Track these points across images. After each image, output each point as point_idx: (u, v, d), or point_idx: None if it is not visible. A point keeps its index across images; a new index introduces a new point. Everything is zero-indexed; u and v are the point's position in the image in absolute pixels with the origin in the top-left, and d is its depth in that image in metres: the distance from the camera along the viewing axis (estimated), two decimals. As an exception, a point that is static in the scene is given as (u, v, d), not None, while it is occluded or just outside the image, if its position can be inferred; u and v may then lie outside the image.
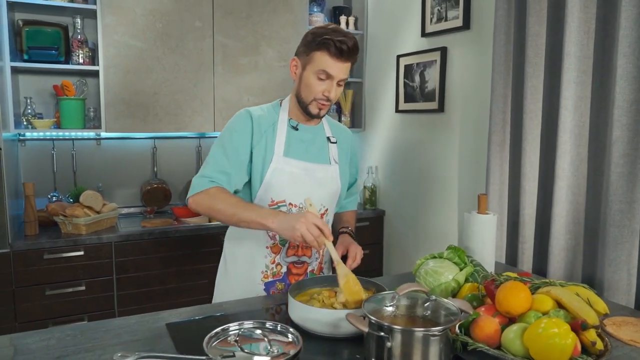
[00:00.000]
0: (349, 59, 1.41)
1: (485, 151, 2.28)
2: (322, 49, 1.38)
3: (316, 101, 1.44)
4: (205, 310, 1.37)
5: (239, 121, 1.48)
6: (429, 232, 2.74)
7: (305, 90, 1.45)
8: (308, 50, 1.42)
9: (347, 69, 1.42)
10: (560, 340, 0.93)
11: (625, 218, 1.62)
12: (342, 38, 1.37)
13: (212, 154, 1.47)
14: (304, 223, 1.23)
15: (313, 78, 1.41)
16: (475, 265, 1.40)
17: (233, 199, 1.38)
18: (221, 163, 1.44)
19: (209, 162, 1.46)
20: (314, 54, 1.40)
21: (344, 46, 1.36)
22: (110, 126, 2.57)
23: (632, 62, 1.59)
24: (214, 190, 1.40)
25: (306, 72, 1.43)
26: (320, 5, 3.14)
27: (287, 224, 1.27)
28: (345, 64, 1.41)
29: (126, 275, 2.46)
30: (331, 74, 1.39)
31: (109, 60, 2.53)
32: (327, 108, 1.48)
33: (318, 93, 1.42)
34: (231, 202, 1.37)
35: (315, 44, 1.39)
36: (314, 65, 1.40)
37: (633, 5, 1.57)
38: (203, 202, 1.39)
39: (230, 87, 2.81)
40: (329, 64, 1.38)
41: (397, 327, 1.01)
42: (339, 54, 1.37)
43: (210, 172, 1.43)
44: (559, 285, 1.17)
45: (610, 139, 1.64)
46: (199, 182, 1.42)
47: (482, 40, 2.32)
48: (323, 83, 1.41)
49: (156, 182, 2.91)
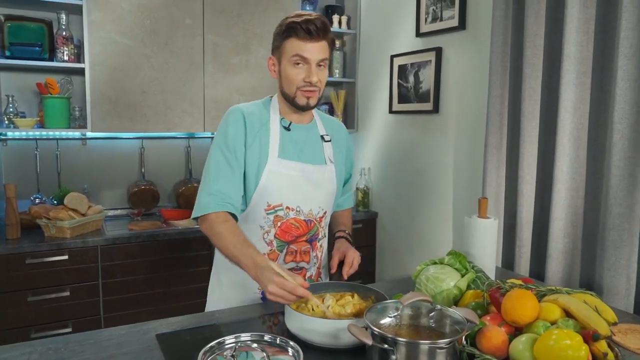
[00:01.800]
0: (320, 38, 1.35)
1: (481, 153, 2.25)
2: (291, 35, 1.34)
3: (300, 90, 1.39)
4: (198, 319, 1.30)
5: (232, 120, 1.42)
6: (422, 235, 2.70)
7: (286, 82, 1.40)
8: (279, 42, 1.39)
9: (322, 49, 1.37)
10: (574, 352, 0.89)
11: (625, 222, 1.60)
12: (306, 18, 1.34)
13: (213, 162, 1.41)
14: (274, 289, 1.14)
15: (290, 67, 1.37)
16: (477, 272, 1.36)
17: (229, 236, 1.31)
18: (225, 172, 1.39)
19: (211, 174, 1.40)
20: (285, 43, 1.36)
21: (312, 26, 1.32)
22: (96, 126, 2.49)
23: (633, 63, 1.56)
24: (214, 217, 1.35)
25: (283, 65, 1.39)
26: (312, 4, 3.09)
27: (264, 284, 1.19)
28: (319, 43, 1.35)
29: (113, 279, 2.38)
30: (305, 57, 1.35)
31: (95, 58, 2.45)
32: (316, 95, 1.41)
33: (299, 81, 1.37)
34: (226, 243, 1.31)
35: (282, 33, 1.36)
36: (288, 53, 1.36)
37: (634, 5, 1.54)
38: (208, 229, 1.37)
39: (221, 86, 2.75)
40: (300, 46, 1.34)
41: (402, 339, 0.96)
42: (308, 35, 1.33)
43: (218, 187, 1.37)
44: (565, 293, 1.13)
45: (611, 142, 1.62)
46: (207, 201, 1.37)
47: (478, 40, 2.28)
48: (301, 69, 1.36)
49: (144, 184, 2.83)
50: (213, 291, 1.54)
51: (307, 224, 1.47)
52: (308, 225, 1.47)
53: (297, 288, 1.14)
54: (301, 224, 1.46)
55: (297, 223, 1.46)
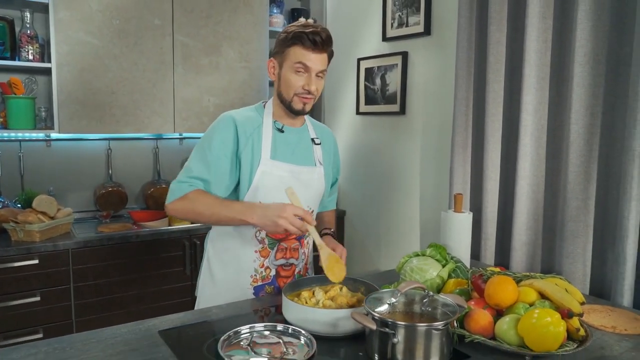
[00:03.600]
0: (324, 50, 1.44)
1: (447, 153, 2.39)
2: (297, 43, 1.41)
3: (298, 96, 1.45)
4: (197, 315, 1.34)
5: (221, 128, 1.47)
6: (390, 232, 2.82)
7: (285, 87, 1.46)
8: (283, 47, 1.45)
9: (323, 60, 1.45)
10: (554, 328, 1.01)
11: (581, 214, 1.77)
12: (313, 29, 1.41)
13: (192, 160, 1.47)
14: (285, 218, 1.28)
15: (291, 73, 1.43)
16: (456, 262, 1.47)
17: (211, 199, 1.41)
18: (200, 170, 1.44)
19: (187, 168, 1.46)
20: (289, 50, 1.43)
21: (317, 37, 1.40)
22: (64, 127, 2.43)
23: (587, 71, 1.73)
24: (192, 194, 1.41)
25: (284, 70, 1.45)
26: (279, 7, 3.14)
27: (268, 220, 1.31)
28: (321, 55, 1.44)
29: (85, 283, 2.34)
30: (308, 65, 1.42)
31: (62, 58, 2.39)
32: (311, 102, 1.49)
33: (298, 87, 1.44)
34: (209, 203, 1.40)
35: (289, 39, 1.42)
36: (290, 60, 1.43)
37: (587, 18, 1.71)
38: (182, 207, 1.42)
39: (191, 87, 2.75)
40: (304, 55, 1.41)
41: (403, 322, 1.05)
42: (313, 46, 1.41)
43: (188, 178, 1.43)
44: (539, 277, 1.25)
45: (568, 141, 1.78)
46: (177, 187, 1.44)
47: (443, 46, 2.42)
48: (302, 77, 1.43)
49: (111, 185, 2.79)
50: (204, 288, 1.58)
51: None
52: None
53: (307, 213, 1.31)
54: None
55: None
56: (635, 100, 1.57)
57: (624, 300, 1.62)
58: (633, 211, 1.60)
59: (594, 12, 1.70)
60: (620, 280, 1.63)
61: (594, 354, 1.13)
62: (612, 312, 1.40)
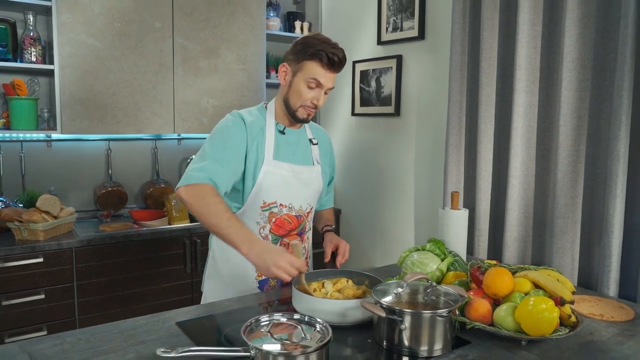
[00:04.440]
0: (338, 70, 1.52)
1: (440, 153, 2.48)
2: (315, 59, 1.47)
3: (304, 107, 1.53)
4: (208, 308, 1.40)
5: (233, 125, 1.52)
6: (385, 230, 2.91)
7: (294, 96, 1.53)
8: (299, 58, 1.50)
9: (334, 79, 1.53)
10: (549, 314, 1.10)
11: (570, 210, 1.87)
12: (333, 50, 1.47)
13: (209, 147, 1.47)
14: (281, 268, 1.28)
15: (303, 85, 1.50)
16: (454, 256, 1.56)
17: (221, 207, 1.37)
18: (220, 152, 1.45)
19: (206, 154, 1.45)
20: (306, 63, 1.48)
21: (336, 57, 1.47)
22: (66, 128, 2.47)
23: (574, 75, 1.83)
24: (209, 188, 1.39)
25: (296, 79, 1.51)
26: (275, 10, 3.21)
27: (264, 263, 1.30)
28: (334, 74, 1.52)
29: (88, 281, 2.38)
30: (322, 83, 1.49)
31: (65, 60, 2.44)
32: (313, 114, 1.58)
33: (307, 100, 1.51)
34: (217, 211, 1.36)
35: (307, 54, 1.47)
36: (305, 73, 1.48)
37: (574, 26, 1.81)
38: (194, 196, 1.39)
39: (190, 89, 2.81)
40: (320, 73, 1.48)
41: (409, 310, 1.13)
42: (330, 65, 1.47)
43: (209, 166, 1.41)
44: (533, 269, 1.34)
45: (557, 142, 1.88)
46: (196, 175, 1.40)
47: (436, 50, 2.51)
48: (312, 91, 1.50)
49: (111, 185, 2.83)
50: (210, 282, 1.64)
51: (297, 219, 1.61)
52: (298, 220, 1.61)
53: (303, 266, 1.33)
54: (292, 219, 1.60)
55: (289, 218, 1.59)
56: (620, 104, 1.67)
57: (610, 291, 1.72)
58: (618, 208, 1.70)
59: (581, 20, 1.80)
60: (606, 273, 1.73)
61: (584, 339, 1.23)
62: (600, 301, 1.49)
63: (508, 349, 1.16)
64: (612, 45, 1.76)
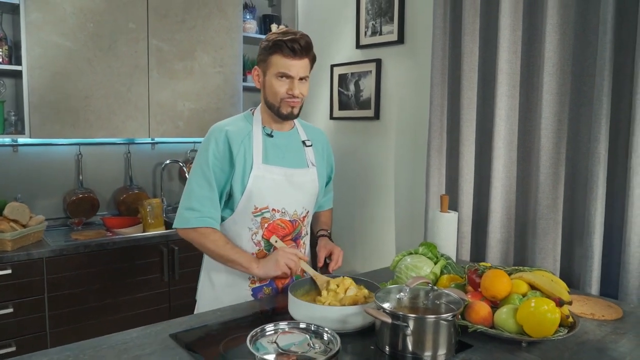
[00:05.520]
0: (304, 56, 1.49)
1: (420, 156, 2.50)
2: (277, 51, 1.46)
3: (284, 101, 1.50)
4: (202, 318, 1.35)
5: (212, 141, 1.50)
6: (365, 234, 2.90)
7: (270, 94, 1.51)
8: (265, 56, 1.50)
9: (305, 66, 1.50)
10: (552, 315, 1.11)
11: (551, 212, 1.91)
12: (292, 37, 1.46)
13: (194, 181, 1.51)
14: (283, 256, 1.46)
15: (275, 80, 1.49)
16: (447, 259, 1.56)
17: (221, 240, 1.49)
18: (205, 191, 1.49)
19: (193, 192, 1.50)
20: (270, 58, 1.48)
21: (296, 45, 1.45)
22: (36, 132, 2.36)
23: (555, 80, 1.87)
24: (204, 230, 1.49)
25: (267, 77, 1.51)
26: (252, 13, 3.17)
27: (270, 263, 1.46)
28: (301, 61, 1.48)
29: (60, 293, 2.27)
30: (289, 74, 1.47)
31: (34, 60, 2.32)
32: (299, 105, 1.54)
33: (282, 93, 1.49)
34: (220, 245, 1.48)
35: (269, 48, 1.48)
36: (272, 68, 1.48)
37: (555, 31, 1.86)
38: (193, 239, 1.52)
39: (166, 92, 2.73)
40: (285, 64, 1.47)
41: (413, 315, 1.12)
42: (292, 54, 1.46)
43: (198, 204, 1.49)
44: (527, 270, 1.36)
45: (539, 145, 1.92)
46: (188, 216, 1.50)
47: (416, 54, 2.53)
48: (285, 83, 1.49)
49: (82, 192, 2.72)
50: (204, 292, 1.59)
51: (292, 224, 1.58)
52: (293, 225, 1.58)
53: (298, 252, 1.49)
54: (287, 224, 1.57)
55: (282, 223, 1.56)
56: (600, 107, 1.72)
57: (592, 290, 1.77)
58: (599, 209, 1.75)
59: (560, 26, 1.85)
60: (588, 273, 1.78)
61: (581, 338, 1.25)
62: (588, 300, 1.53)
63: (509, 351, 1.16)
64: (591, 50, 1.82)
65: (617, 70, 1.74)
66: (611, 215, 1.81)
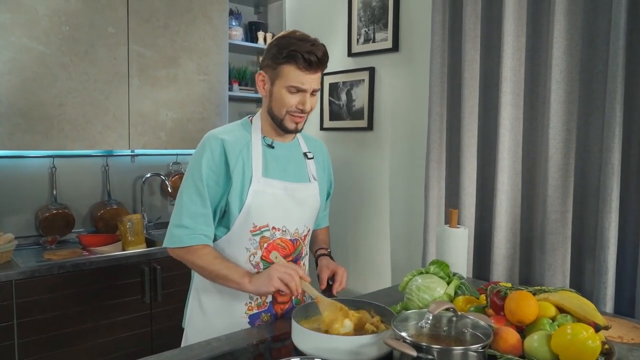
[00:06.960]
0: (319, 69, 1.35)
1: (417, 168, 2.40)
2: (290, 62, 1.31)
3: (290, 114, 1.37)
4: (194, 351, 1.20)
5: (207, 151, 1.35)
6: (358, 248, 2.78)
7: (277, 105, 1.37)
8: (275, 64, 1.34)
9: (317, 79, 1.37)
10: (593, 342, 1.00)
11: (560, 226, 1.82)
12: (310, 48, 1.31)
13: (185, 194, 1.35)
14: (277, 270, 1.27)
15: (284, 92, 1.34)
16: (460, 278, 1.44)
17: (211, 255, 1.35)
18: (197, 207, 1.34)
19: (184, 208, 1.35)
20: (282, 68, 1.33)
21: (313, 57, 1.31)
22: (4, 143, 2.17)
23: (562, 87, 1.80)
24: (195, 247, 1.35)
25: (276, 87, 1.36)
26: (237, 19, 3.05)
27: (262, 278, 1.28)
28: (316, 75, 1.35)
29: (30, 318, 2.07)
30: (303, 88, 1.34)
31: (3, 65, 2.14)
32: (304, 121, 1.41)
33: (291, 106, 1.35)
34: (209, 260, 1.34)
35: (282, 56, 1.32)
36: (283, 80, 1.33)
37: (562, 37, 1.78)
38: (184, 257, 1.37)
39: (147, 100, 2.57)
40: (299, 77, 1.32)
41: (438, 346, 0.99)
42: (308, 66, 1.31)
43: (189, 221, 1.34)
44: (552, 291, 1.25)
45: (546, 156, 1.83)
46: (179, 234, 1.35)
47: (412, 62, 2.44)
48: (295, 96, 1.35)
49: (56, 208, 2.52)
50: (193, 318, 1.43)
51: (293, 244, 1.44)
52: (294, 245, 1.44)
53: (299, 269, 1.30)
54: (287, 244, 1.43)
55: (283, 243, 1.42)
56: (613, 116, 1.64)
57: (607, 307, 1.67)
58: (613, 222, 1.67)
59: (568, 31, 1.78)
60: (602, 290, 1.68)
61: (617, 367, 1.14)
62: (612, 321, 1.42)
63: (543, 383, 1.05)
64: (600, 56, 1.75)
65: (628, 76, 1.67)
66: (623, 229, 1.72)
